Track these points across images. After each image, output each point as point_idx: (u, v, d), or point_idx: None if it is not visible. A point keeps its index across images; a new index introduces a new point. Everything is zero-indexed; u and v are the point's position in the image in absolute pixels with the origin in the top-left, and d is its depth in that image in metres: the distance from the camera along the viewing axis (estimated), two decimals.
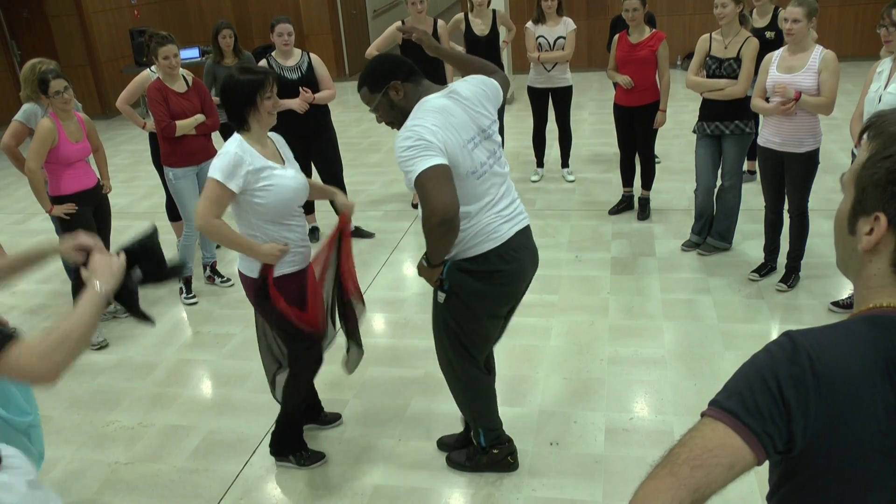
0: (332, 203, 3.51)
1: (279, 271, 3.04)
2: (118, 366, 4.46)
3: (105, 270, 1.94)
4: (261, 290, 3.03)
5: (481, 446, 3.21)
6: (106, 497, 3.35)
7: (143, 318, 2.22)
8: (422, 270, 2.85)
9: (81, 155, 4.51)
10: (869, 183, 1.13)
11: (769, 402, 1.08)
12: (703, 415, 1.14)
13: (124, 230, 6.63)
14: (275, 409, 3.82)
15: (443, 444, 3.44)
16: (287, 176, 3.01)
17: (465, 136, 2.66)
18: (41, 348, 1.75)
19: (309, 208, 6.11)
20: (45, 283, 5.73)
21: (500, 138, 2.87)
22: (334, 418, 3.71)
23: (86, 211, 4.57)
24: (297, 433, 3.45)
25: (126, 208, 7.32)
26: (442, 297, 2.86)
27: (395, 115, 2.78)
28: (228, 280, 5.38)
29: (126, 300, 2.12)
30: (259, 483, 3.35)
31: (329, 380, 4.10)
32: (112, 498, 3.34)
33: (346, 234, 3.35)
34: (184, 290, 5.22)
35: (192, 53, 9.67)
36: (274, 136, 3.20)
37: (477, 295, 2.82)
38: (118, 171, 8.52)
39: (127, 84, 5.35)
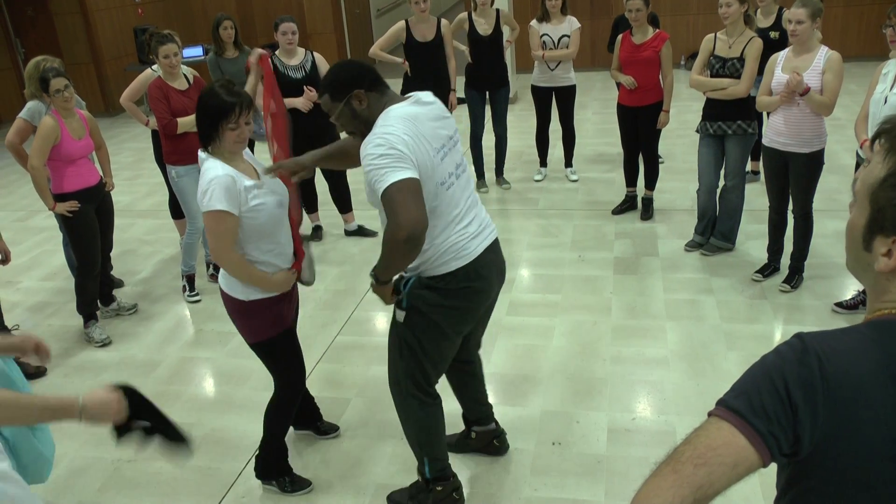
0: None
1: (267, 294, 2.93)
2: (121, 363, 4.46)
3: (102, 405, 1.93)
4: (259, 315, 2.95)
5: (426, 478, 3.03)
6: (109, 494, 3.36)
7: (179, 439, 2.19)
8: (374, 289, 2.69)
9: (84, 152, 4.52)
10: (888, 205, 1.11)
11: (776, 403, 1.08)
12: (709, 414, 1.13)
13: (127, 228, 6.64)
14: None
15: (392, 500, 3.19)
16: (265, 189, 2.87)
17: (434, 144, 2.55)
18: None
19: (312, 206, 6.12)
20: (49, 281, 5.73)
21: (462, 148, 2.76)
22: (332, 429, 3.63)
23: (88, 209, 4.57)
24: (282, 457, 3.28)
25: (129, 206, 7.32)
26: (402, 315, 2.73)
27: (357, 126, 2.65)
28: None
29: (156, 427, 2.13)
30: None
31: (331, 378, 4.10)
32: (115, 495, 3.35)
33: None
34: (187, 288, 5.22)
35: (195, 52, 9.67)
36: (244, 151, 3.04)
37: (442, 310, 2.70)
38: (121, 169, 8.53)
39: (130, 82, 5.35)
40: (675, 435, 3.40)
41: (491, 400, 3.58)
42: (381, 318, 4.74)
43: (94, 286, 4.76)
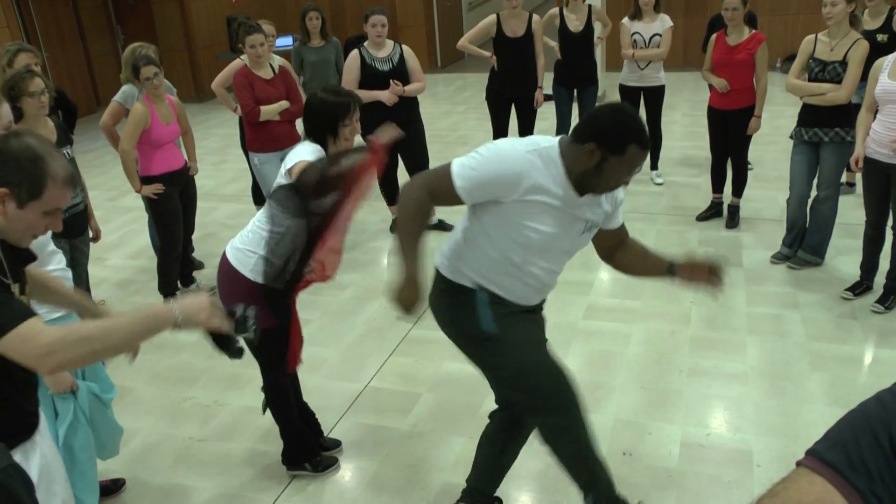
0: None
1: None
2: (197, 343, 4.55)
3: (193, 304, 1.89)
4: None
5: None
6: (179, 471, 3.43)
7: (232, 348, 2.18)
8: (396, 294, 2.39)
9: (171, 137, 4.63)
10: None
11: (879, 459, 0.96)
12: (798, 464, 1.02)
13: (210, 211, 6.80)
14: (349, 397, 3.85)
15: None
16: None
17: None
18: (49, 341, 1.67)
19: (392, 199, 6.13)
20: (134, 259, 5.92)
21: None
22: (333, 445, 3.53)
23: (173, 192, 4.69)
24: (303, 441, 3.33)
25: (213, 190, 7.50)
26: (490, 328, 2.49)
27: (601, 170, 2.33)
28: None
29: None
30: (326, 471, 3.36)
31: (403, 372, 4.10)
32: (185, 472, 3.42)
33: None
34: None
35: (286, 41, 9.82)
36: None
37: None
38: (208, 154, 8.74)
39: (221, 69, 5.47)
40: (752, 455, 3.26)
41: None
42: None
43: (175, 267, 4.88)
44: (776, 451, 3.28)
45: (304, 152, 2.99)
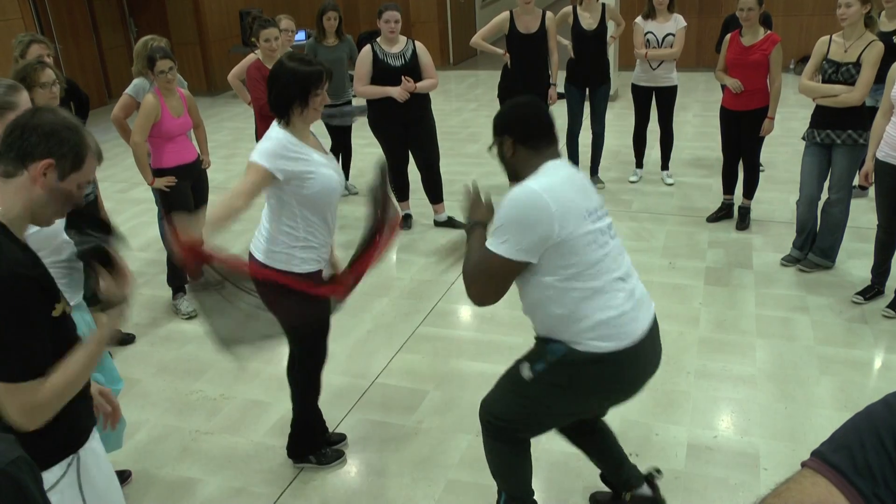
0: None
1: (298, 268, 2.93)
2: (205, 336, 4.55)
3: (104, 323, 1.95)
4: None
5: None
6: (185, 463, 3.44)
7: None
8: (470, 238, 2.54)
9: (182, 129, 4.63)
10: None
11: (884, 462, 0.95)
12: (803, 465, 1.01)
13: None
14: (356, 393, 3.85)
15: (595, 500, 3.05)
16: (330, 167, 2.92)
17: (586, 206, 2.38)
18: (37, 401, 1.71)
19: (403, 195, 6.13)
20: (143, 251, 5.93)
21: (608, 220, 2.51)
22: (339, 439, 3.54)
23: (184, 185, 4.69)
24: (314, 432, 3.34)
25: (224, 183, 7.50)
26: (528, 374, 2.47)
27: (507, 169, 2.56)
28: None
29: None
30: (332, 466, 3.37)
31: (410, 369, 4.10)
32: (191, 465, 3.43)
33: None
34: None
35: (299, 36, 9.83)
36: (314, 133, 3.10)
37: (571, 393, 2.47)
38: (219, 147, 8.75)
39: (233, 63, 5.48)
40: (759, 458, 3.25)
41: None
42: (466, 311, 4.71)
43: None
44: (783, 455, 3.27)
45: (264, 150, 2.84)
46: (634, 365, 2.45)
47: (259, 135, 5.20)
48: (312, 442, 3.34)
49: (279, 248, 2.93)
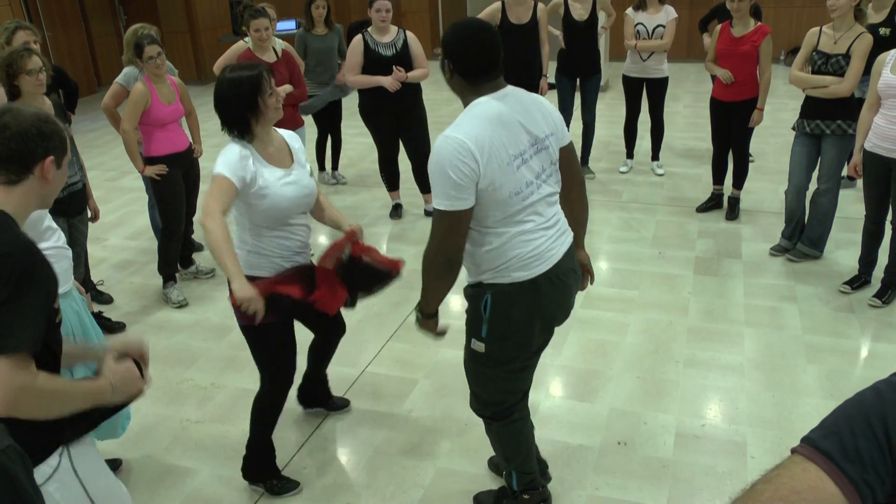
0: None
1: (266, 274, 2.87)
2: (195, 325, 4.57)
3: (127, 377, 1.98)
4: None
5: (512, 490, 2.90)
6: (175, 452, 3.44)
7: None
8: (421, 324, 2.66)
9: (174, 117, 4.62)
10: None
11: (873, 448, 0.97)
12: (793, 451, 1.03)
13: None
14: (346, 382, 3.86)
15: (478, 500, 3.07)
16: (285, 182, 2.79)
17: (512, 150, 2.36)
18: (25, 384, 1.69)
19: (393, 185, 6.13)
20: (133, 240, 5.92)
21: (555, 152, 2.52)
22: (342, 404, 3.61)
23: (176, 173, 4.68)
24: (268, 459, 3.19)
25: None
26: (480, 346, 2.56)
27: (454, 88, 2.53)
28: None
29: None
30: (323, 454, 3.38)
31: (400, 358, 4.11)
32: (181, 454, 3.43)
33: (356, 248, 3.02)
34: None
35: (288, 25, 9.79)
36: (287, 134, 3.00)
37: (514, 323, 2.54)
38: (210, 136, 8.70)
39: (223, 52, 5.45)
40: (746, 447, 3.28)
41: (559, 393, 3.53)
42: (456, 301, 4.71)
43: (176, 248, 4.88)
44: (771, 443, 3.30)
45: (224, 162, 2.70)
46: (555, 284, 2.52)
47: None
48: (268, 467, 3.19)
49: (241, 249, 2.89)
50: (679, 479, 3.13)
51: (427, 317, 2.64)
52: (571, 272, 2.60)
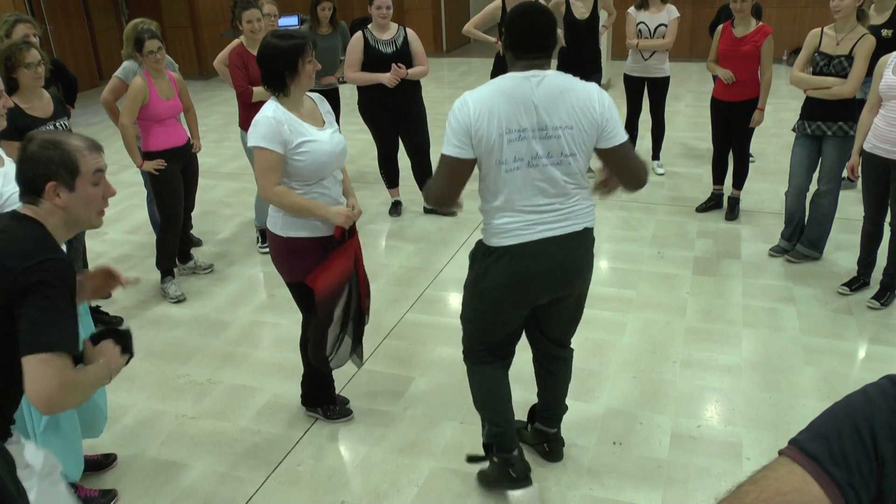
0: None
1: (306, 234, 3.07)
2: (193, 321, 4.57)
3: (114, 358, 2.06)
4: (329, 247, 3.09)
5: (483, 443, 3.07)
6: (171, 447, 3.44)
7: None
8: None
9: (172, 112, 4.61)
10: None
11: (859, 452, 0.96)
12: (780, 453, 1.02)
13: (210, 189, 6.79)
14: (342, 379, 3.85)
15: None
16: (322, 140, 3.01)
17: (510, 125, 2.49)
18: (68, 379, 1.78)
19: (393, 182, 6.13)
20: (132, 234, 5.92)
21: (566, 145, 2.55)
22: (343, 401, 3.67)
23: (174, 168, 4.68)
24: (323, 387, 3.54)
25: (214, 168, 7.49)
26: (468, 281, 2.89)
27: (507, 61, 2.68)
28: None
29: None
30: (318, 452, 3.38)
31: (397, 355, 4.10)
32: (177, 449, 3.43)
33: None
34: (259, 240, 5.45)
35: (291, 21, 9.77)
36: (315, 96, 3.19)
37: (483, 283, 2.75)
38: (210, 132, 8.72)
39: (225, 47, 5.44)
40: (742, 448, 3.27)
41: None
42: (454, 299, 4.71)
43: (175, 243, 4.88)
44: (766, 445, 3.29)
45: (260, 135, 2.91)
46: (536, 258, 2.63)
47: (241, 120, 5.18)
48: (324, 395, 3.55)
49: (279, 213, 3.09)
50: (674, 479, 3.12)
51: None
52: (558, 264, 2.67)
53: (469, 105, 2.51)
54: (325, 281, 3.07)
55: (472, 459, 3.16)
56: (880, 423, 0.97)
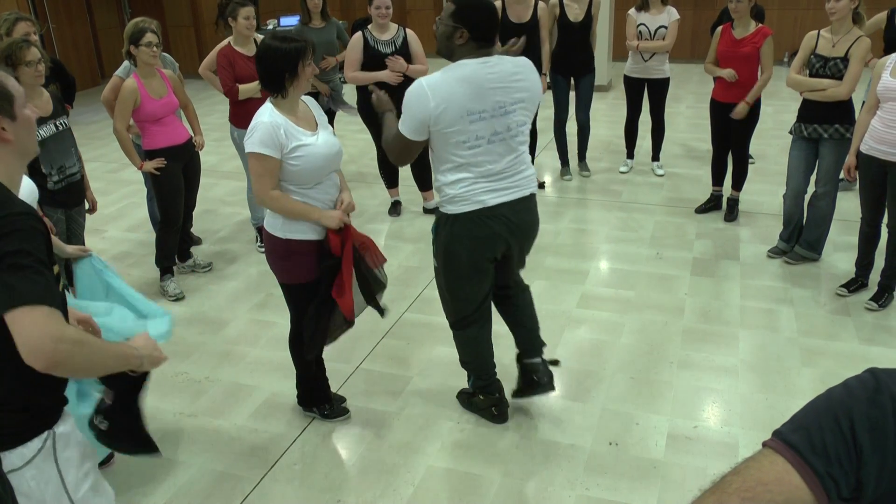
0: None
1: (306, 237, 3.09)
2: (191, 319, 4.58)
3: (151, 349, 2.05)
4: (323, 253, 3.11)
5: (470, 390, 3.57)
6: (167, 445, 3.44)
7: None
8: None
9: (167, 110, 4.60)
10: None
11: (839, 443, 0.99)
12: (764, 444, 1.05)
13: (211, 187, 6.80)
14: (339, 378, 3.86)
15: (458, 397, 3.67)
16: (318, 143, 3.02)
17: (472, 107, 2.84)
18: (70, 334, 1.69)
19: (392, 182, 6.14)
20: (132, 232, 5.93)
21: (521, 117, 2.99)
22: (339, 400, 3.66)
23: (175, 167, 4.68)
24: (317, 387, 3.58)
25: (215, 166, 7.50)
26: (434, 260, 3.25)
27: (442, 48, 3.00)
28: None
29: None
30: (314, 451, 3.39)
31: (394, 355, 4.11)
32: (173, 447, 3.43)
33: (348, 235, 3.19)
34: (258, 238, 5.45)
35: (293, 21, 9.81)
36: (308, 99, 3.21)
37: (453, 249, 3.10)
38: (211, 130, 8.72)
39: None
40: (738, 448, 3.28)
41: (552, 392, 3.52)
42: None
43: (174, 242, 4.89)
44: None
45: (258, 140, 2.93)
46: (498, 220, 3.04)
47: (231, 115, 5.22)
48: (318, 394, 3.59)
49: (278, 218, 3.13)
50: (669, 480, 3.13)
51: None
52: (516, 224, 3.09)
53: (428, 96, 2.82)
54: (347, 292, 3.16)
55: (461, 394, 3.63)
56: (859, 414, 0.99)
